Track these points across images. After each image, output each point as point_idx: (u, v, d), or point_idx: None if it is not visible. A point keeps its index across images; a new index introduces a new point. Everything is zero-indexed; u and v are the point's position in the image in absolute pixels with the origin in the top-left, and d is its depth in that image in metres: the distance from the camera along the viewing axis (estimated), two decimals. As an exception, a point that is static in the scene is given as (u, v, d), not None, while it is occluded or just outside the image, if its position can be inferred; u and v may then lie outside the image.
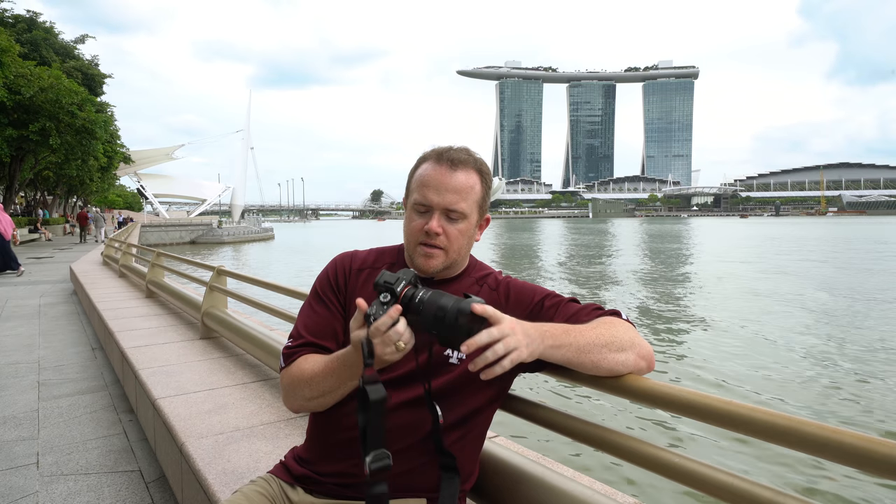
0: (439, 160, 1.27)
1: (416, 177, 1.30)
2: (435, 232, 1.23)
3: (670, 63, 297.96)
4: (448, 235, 1.25)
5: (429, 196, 1.24)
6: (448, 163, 1.26)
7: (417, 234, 1.26)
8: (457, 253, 1.29)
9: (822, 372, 8.65)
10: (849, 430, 0.85)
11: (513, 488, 1.39)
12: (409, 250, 1.30)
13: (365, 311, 1.06)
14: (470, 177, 1.27)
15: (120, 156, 40.36)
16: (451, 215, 1.25)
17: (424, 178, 1.27)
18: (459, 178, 1.25)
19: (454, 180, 1.25)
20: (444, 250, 1.26)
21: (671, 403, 1.07)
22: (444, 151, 1.28)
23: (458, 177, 1.25)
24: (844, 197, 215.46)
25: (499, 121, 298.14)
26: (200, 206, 77.43)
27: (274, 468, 1.38)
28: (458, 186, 1.25)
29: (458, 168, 1.26)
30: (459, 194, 1.25)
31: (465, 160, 1.27)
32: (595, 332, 1.16)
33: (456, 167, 1.26)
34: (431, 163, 1.28)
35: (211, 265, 4.76)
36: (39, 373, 4.70)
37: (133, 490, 2.62)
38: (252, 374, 3.38)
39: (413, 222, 1.27)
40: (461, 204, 1.25)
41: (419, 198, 1.26)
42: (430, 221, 1.24)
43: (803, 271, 22.88)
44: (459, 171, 1.26)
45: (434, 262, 1.26)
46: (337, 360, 1.20)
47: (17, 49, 22.19)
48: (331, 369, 1.20)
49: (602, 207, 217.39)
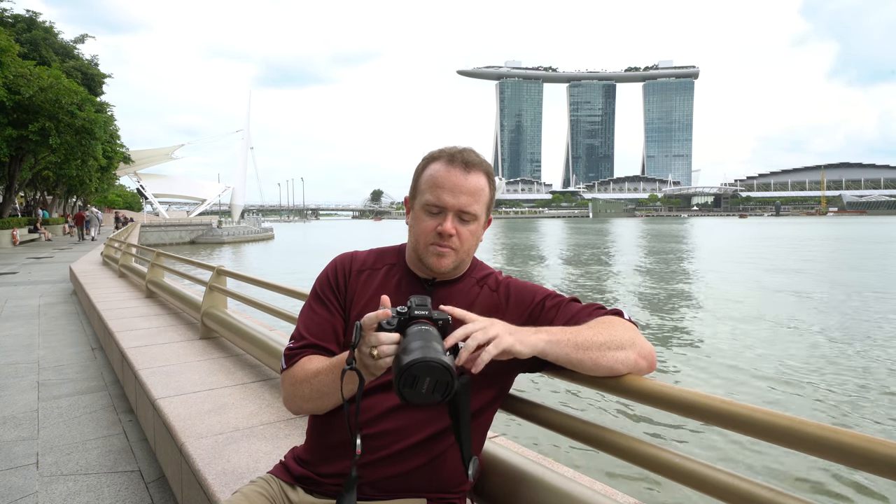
0: (452, 162, 1.26)
1: (426, 177, 1.29)
2: (449, 233, 1.24)
3: (670, 63, 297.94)
4: (460, 237, 1.26)
5: (443, 198, 1.24)
6: (462, 165, 1.26)
7: (429, 235, 1.26)
8: (466, 253, 1.30)
9: (823, 371, 8.65)
10: (849, 430, 0.85)
11: (513, 488, 1.39)
12: (419, 250, 1.29)
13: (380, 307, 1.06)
14: (481, 179, 1.27)
15: (120, 156, 40.34)
16: (464, 217, 1.26)
17: (438, 179, 1.26)
18: (473, 181, 1.26)
19: (468, 183, 1.25)
20: (456, 250, 1.27)
21: (671, 403, 1.07)
22: (457, 153, 1.27)
23: (471, 179, 1.26)
24: (845, 197, 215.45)
25: (499, 121, 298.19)
26: (200, 206, 77.36)
27: (274, 468, 1.38)
28: (472, 189, 1.25)
29: (472, 171, 1.26)
30: (473, 196, 1.26)
31: (479, 163, 1.28)
32: (594, 330, 1.16)
33: (469, 170, 1.26)
34: (444, 164, 1.27)
35: (211, 265, 4.76)
36: (39, 373, 4.70)
37: (133, 490, 2.62)
38: (252, 374, 3.38)
39: (424, 223, 1.27)
40: (474, 206, 1.26)
41: (432, 199, 1.25)
42: (443, 223, 1.24)
43: (802, 271, 22.89)
44: (473, 173, 1.26)
45: (446, 262, 1.27)
46: (339, 360, 1.20)
47: (16, 49, 22.15)
48: (332, 369, 1.20)
49: (602, 207, 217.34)
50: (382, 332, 1.02)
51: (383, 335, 1.02)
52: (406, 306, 1.06)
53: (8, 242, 23.04)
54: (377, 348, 1.02)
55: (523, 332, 1.10)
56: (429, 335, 0.99)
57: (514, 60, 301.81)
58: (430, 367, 0.91)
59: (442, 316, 1.06)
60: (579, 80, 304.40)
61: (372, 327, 1.03)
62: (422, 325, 1.02)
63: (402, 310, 1.05)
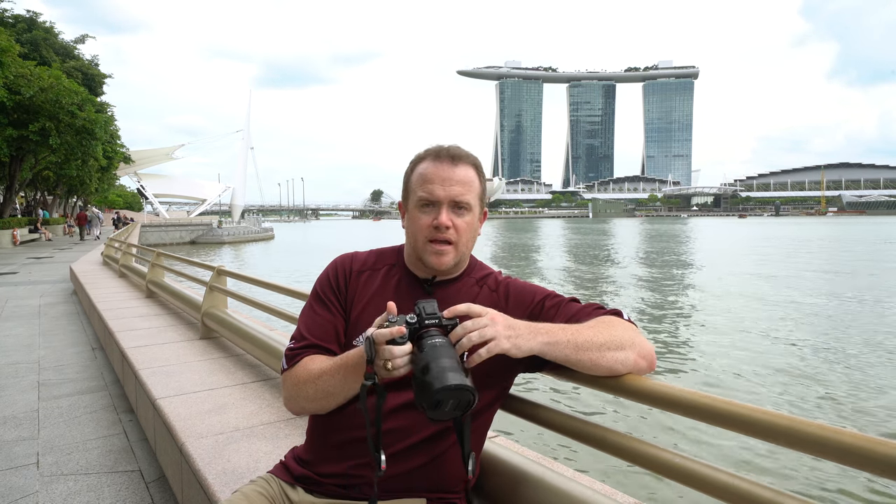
0: (438, 156, 1.28)
1: (415, 176, 1.30)
2: (445, 225, 1.24)
3: (670, 63, 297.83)
4: (457, 228, 1.27)
5: (434, 191, 1.25)
6: (449, 158, 1.28)
7: (426, 231, 1.26)
8: (465, 246, 1.30)
9: (823, 370, 8.66)
10: (849, 430, 0.85)
11: (513, 488, 1.39)
12: (418, 249, 1.29)
13: (389, 317, 1.07)
14: (469, 171, 1.29)
15: (120, 156, 40.35)
16: (458, 207, 1.27)
17: (427, 174, 1.27)
18: (461, 172, 1.27)
19: (457, 174, 1.27)
20: (454, 245, 1.27)
21: (671, 403, 1.07)
22: (443, 149, 1.30)
23: (459, 170, 1.27)
24: (844, 197, 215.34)
25: (499, 121, 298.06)
26: (200, 206, 77.29)
27: (274, 468, 1.38)
28: (461, 179, 1.27)
29: (459, 163, 1.28)
30: (464, 186, 1.27)
31: (465, 155, 1.30)
32: (593, 330, 1.16)
33: (457, 162, 1.28)
34: (430, 160, 1.29)
35: (211, 265, 4.76)
36: (39, 373, 4.70)
37: (133, 490, 2.62)
38: (252, 374, 3.38)
39: (419, 220, 1.27)
40: (467, 196, 1.27)
41: (424, 194, 1.26)
42: (439, 216, 1.25)
43: (802, 269, 22.89)
44: (460, 165, 1.28)
45: (446, 259, 1.27)
46: (346, 359, 1.20)
47: (17, 49, 22.16)
48: (338, 368, 1.21)
49: (602, 207, 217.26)
50: (396, 346, 1.04)
51: (397, 349, 1.04)
52: (415, 314, 1.07)
53: (8, 242, 23.05)
54: (391, 361, 1.04)
55: (522, 334, 1.10)
56: (444, 350, 1.01)
57: (514, 60, 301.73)
58: (455, 392, 0.96)
59: (451, 322, 1.08)
60: (579, 80, 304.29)
61: (384, 342, 1.04)
62: (434, 337, 1.04)
63: (411, 319, 1.06)
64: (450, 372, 0.97)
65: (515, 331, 1.10)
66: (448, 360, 1.00)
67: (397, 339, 1.04)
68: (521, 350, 1.09)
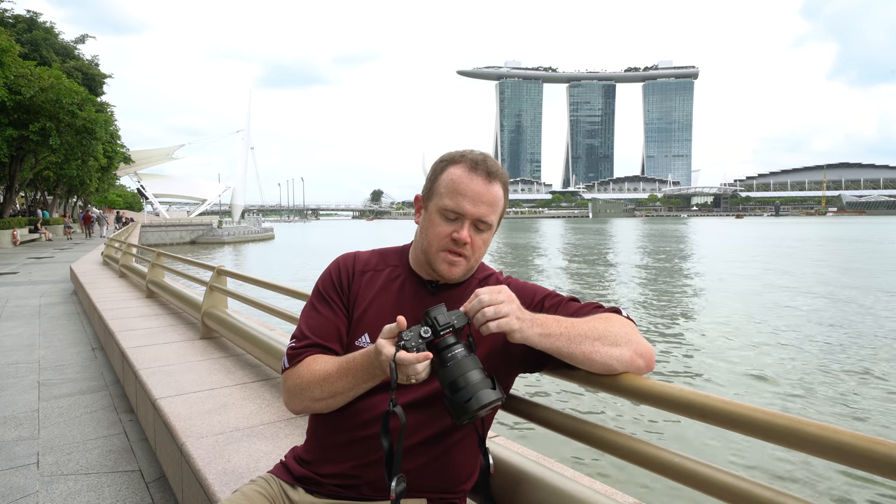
0: (475, 169, 1.25)
1: (446, 180, 1.26)
2: (464, 241, 1.24)
3: (670, 63, 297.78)
4: (473, 245, 1.26)
5: (463, 205, 1.23)
6: (485, 174, 1.25)
7: (443, 240, 1.25)
8: (476, 261, 1.30)
9: (823, 369, 8.65)
10: (849, 430, 0.85)
11: (513, 488, 1.39)
12: (430, 254, 1.28)
13: (401, 331, 1.08)
14: (500, 191, 1.27)
15: (120, 156, 40.35)
16: (480, 226, 1.26)
17: (459, 185, 1.24)
18: (494, 191, 1.25)
19: (489, 193, 1.25)
20: (467, 259, 1.27)
21: (671, 403, 1.07)
22: (481, 161, 1.26)
23: (493, 189, 1.25)
24: (844, 197, 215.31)
25: (499, 121, 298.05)
26: (200, 206, 77.29)
27: (274, 468, 1.38)
28: (491, 199, 1.25)
29: (494, 181, 1.26)
30: (492, 207, 1.25)
31: (499, 174, 1.27)
32: (589, 324, 1.16)
33: (492, 180, 1.25)
34: (466, 170, 1.25)
35: (211, 265, 4.76)
36: (40, 373, 4.70)
37: (133, 490, 2.62)
38: (252, 374, 3.38)
39: (439, 227, 1.25)
40: (492, 216, 1.26)
41: (452, 205, 1.23)
42: (460, 231, 1.24)
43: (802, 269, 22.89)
44: (494, 184, 1.26)
45: (457, 270, 1.27)
46: (353, 361, 1.20)
47: (17, 49, 22.17)
48: (346, 370, 1.20)
49: (602, 207, 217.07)
50: (420, 364, 1.06)
51: (420, 365, 1.07)
52: (428, 328, 1.08)
53: (8, 242, 23.04)
54: (415, 377, 1.08)
55: (526, 320, 1.12)
56: (468, 363, 1.06)
57: (514, 60, 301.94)
58: (488, 405, 1.04)
59: (462, 322, 1.10)
60: (579, 80, 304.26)
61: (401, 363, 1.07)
62: (454, 348, 1.07)
63: (426, 333, 1.08)
64: (482, 389, 1.03)
65: (524, 314, 1.12)
66: (475, 371, 1.05)
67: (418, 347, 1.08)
68: (524, 336, 1.10)
